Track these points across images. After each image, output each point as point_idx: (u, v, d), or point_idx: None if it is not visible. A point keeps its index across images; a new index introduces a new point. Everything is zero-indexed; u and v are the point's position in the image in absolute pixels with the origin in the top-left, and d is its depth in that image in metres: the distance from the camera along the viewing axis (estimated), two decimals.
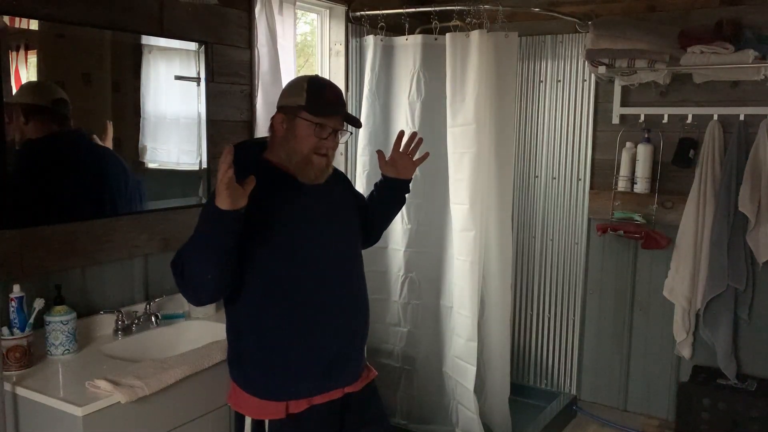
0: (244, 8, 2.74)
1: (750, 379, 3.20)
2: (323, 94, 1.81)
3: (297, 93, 1.80)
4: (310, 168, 1.80)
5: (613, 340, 3.60)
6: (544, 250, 3.73)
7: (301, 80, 1.86)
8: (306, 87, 1.80)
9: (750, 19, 3.06)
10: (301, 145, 1.78)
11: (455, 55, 3.05)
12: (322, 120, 1.78)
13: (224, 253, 1.64)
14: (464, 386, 3.12)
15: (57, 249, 2.16)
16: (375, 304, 3.04)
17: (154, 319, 2.39)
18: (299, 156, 1.78)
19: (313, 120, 1.77)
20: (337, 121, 1.81)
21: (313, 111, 1.77)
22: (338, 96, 1.85)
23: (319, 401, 1.83)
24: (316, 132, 1.77)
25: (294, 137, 1.78)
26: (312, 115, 1.77)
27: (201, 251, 1.64)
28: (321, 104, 1.78)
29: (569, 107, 3.58)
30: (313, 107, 1.77)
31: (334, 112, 1.80)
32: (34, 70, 2.10)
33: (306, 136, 1.77)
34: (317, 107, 1.78)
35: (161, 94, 2.50)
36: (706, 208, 3.16)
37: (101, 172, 2.34)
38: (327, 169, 1.85)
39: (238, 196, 1.57)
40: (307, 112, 1.77)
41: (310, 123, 1.77)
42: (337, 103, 1.83)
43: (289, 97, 1.82)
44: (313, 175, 1.81)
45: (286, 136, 1.80)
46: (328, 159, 1.83)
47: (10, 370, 1.89)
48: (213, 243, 1.62)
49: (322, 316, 1.82)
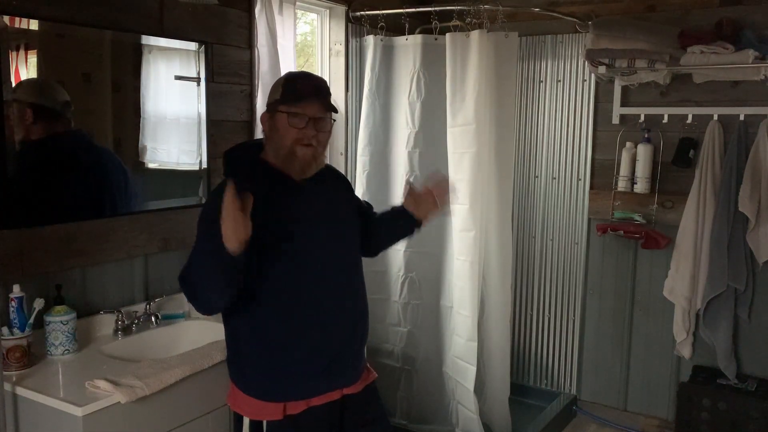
0: (244, 8, 2.74)
1: (750, 379, 3.20)
2: (296, 85, 1.82)
3: (275, 90, 1.83)
4: (296, 160, 1.79)
5: (613, 340, 3.60)
6: (544, 250, 3.73)
7: (280, 78, 1.88)
8: (282, 82, 1.83)
9: (750, 19, 3.06)
10: (283, 139, 1.78)
11: (455, 55, 3.05)
12: (296, 109, 1.77)
13: (235, 274, 1.64)
14: (464, 386, 3.13)
15: (57, 249, 2.16)
16: (375, 304, 3.05)
17: (154, 319, 2.39)
18: (284, 150, 1.79)
19: (287, 110, 1.77)
20: (313, 110, 1.79)
21: (286, 101, 1.78)
22: (314, 85, 1.84)
23: (317, 402, 1.83)
24: (292, 122, 1.77)
25: (276, 132, 1.80)
26: (286, 106, 1.78)
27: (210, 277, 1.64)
28: (293, 94, 1.79)
29: (569, 107, 3.58)
30: (286, 98, 1.79)
31: (305, 99, 1.78)
32: (34, 70, 2.10)
33: (285, 129, 1.78)
34: (289, 97, 1.79)
35: (161, 94, 2.50)
36: (706, 208, 3.16)
37: (101, 172, 2.34)
38: (314, 162, 1.83)
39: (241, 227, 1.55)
40: (282, 104, 1.79)
41: (287, 115, 1.78)
42: (310, 91, 1.81)
43: (271, 96, 1.85)
44: (299, 167, 1.80)
45: (271, 133, 1.82)
46: (314, 150, 1.81)
47: (10, 370, 1.89)
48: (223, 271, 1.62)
49: (320, 317, 1.82)
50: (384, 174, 3.36)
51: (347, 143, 3.37)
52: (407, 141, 3.28)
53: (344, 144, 3.35)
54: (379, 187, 3.35)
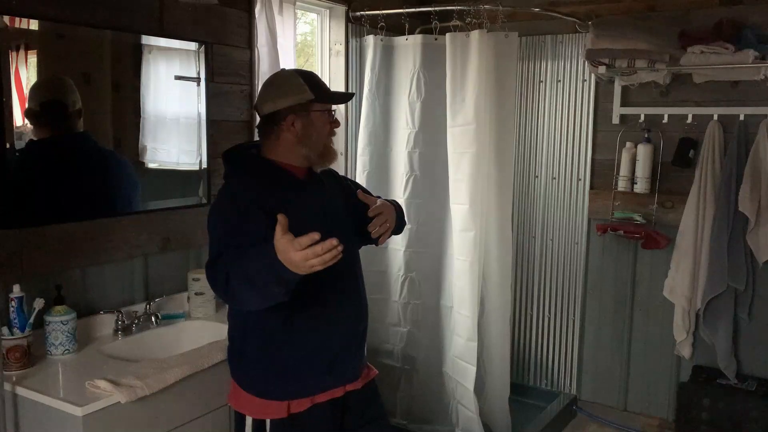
0: (244, 8, 2.74)
1: (750, 379, 3.20)
2: (319, 82, 1.88)
3: (298, 90, 1.79)
4: (331, 153, 1.89)
5: (613, 340, 3.60)
6: (544, 250, 3.73)
7: (290, 77, 1.84)
8: (301, 82, 1.81)
9: (750, 19, 3.06)
10: (321, 136, 1.84)
11: (455, 55, 3.05)
12: (329, 104, 1.87)
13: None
14: (464, 386, 3.12)
15: (57, 249, 2.16)
16: (375, 304, 3.05)
17: (154, 319, 2.38)
18: (321, 146, 1.85)
19: (324, 108, 1.85)
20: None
21: (323, 99, 1.84)
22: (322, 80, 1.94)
23: (320, 400, 1.83)
24: (329, 117, 1.86)
25: (315, 131, 1.82)
26: (322, 104, 1.84)
27: (258, 293, 1.61)
28: (325, 91, 1.87)
29: (569, 107, 3.58)
30: (321, 96, 1.83)
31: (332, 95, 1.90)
32: (34, 70, 2.10)
33: (323, 125, 1.84)
34: (324, 95, 1.85)
35: (161, 94, 2.50)
36: (706, 208, 3.16)
37: (104, 174, 2.34)
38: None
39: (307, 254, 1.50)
40: (317, 102, 1.82)
41: (322, 112, 1.84)
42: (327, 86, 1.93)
43: (292, 96, 1.79)
44: (333, 157, 1.90)
45: (308, 132, 1.81)
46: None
47: (10, 370, 1.89)
48: (273, 290, 1.60)
49: (323, 314, 1.82)
50: (384, 174, 3.36)
51: (347, 143, 3.37)
52: (407, 141, 3.28)
53: (344, 144, 3.35)
54: (379, 187, 3.34)
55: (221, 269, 1.63)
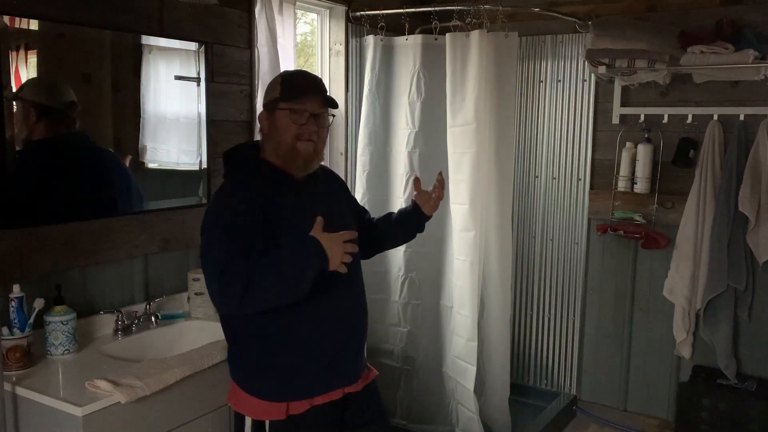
0: (244, 8, 2.74)
1: (750, 379, 3.20)
2: (294, 81, 1.85)
3: (273, 88, 1.85)
4: (298, 156, 1.81)
5: (613, 340, 3.60)
6: (544, 250, 3.73)
7: (277, 76, 1.91)
8: (280, 80, 1.85)
9: (750, 19, 3.07)
10: (284, 136, 1.80)
11: (455, 55, 3.05)
12: (296, 105, 1.80)
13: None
14: (464, 386, 3.12)
15: (57, 249, 2.16)
16: (375, 304, 3.05)
17: (154, 319, 2.39)
18: (285, 147, 1.81)
19: (288, 107, 1.80)
20: (313, 105, 1.82)
21: (286, 98, 1.81)
22: (312, 81, 1.87)
23: (319, 401, 1.83)
24: (293, 118, 1.79)
25: (276, 130, 1.82)
26: (286, 103, 1.80)
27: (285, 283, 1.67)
28: (293, 90, 1.82)
29: (569, 107, 3.58)
30: (286, 95, 1.81)
31: (305, 95, 1.81)
32: (34, 70, 2.10)
33: (286, 125, 1.80)
34: (290, 93, 1.81)
35: (161, 94, 2.50)
36: (706, 208, 3.16)
37: (102, 173, 2.34)
38: (316, 157, 1.86)
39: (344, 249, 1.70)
40: (282, 101, 1.81)
41: (287, 111, 1.80)
42: (309, 87, 1.84)
43: (268, 95, 1.86)
44: (302, 163, 1.82)
45: (271, 131, 1.84)
46: (315, 145, 1.83)
47: (10, 370, 1.89)
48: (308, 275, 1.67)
49: (322, 316, 1.82)
50: (384, 174, 3.36)
51: (347, 143, 3.37)
52: (407, 141, 3.28)
53: (344, 144, 3.35)
54: (379, 187, 3.35)
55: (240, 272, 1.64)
